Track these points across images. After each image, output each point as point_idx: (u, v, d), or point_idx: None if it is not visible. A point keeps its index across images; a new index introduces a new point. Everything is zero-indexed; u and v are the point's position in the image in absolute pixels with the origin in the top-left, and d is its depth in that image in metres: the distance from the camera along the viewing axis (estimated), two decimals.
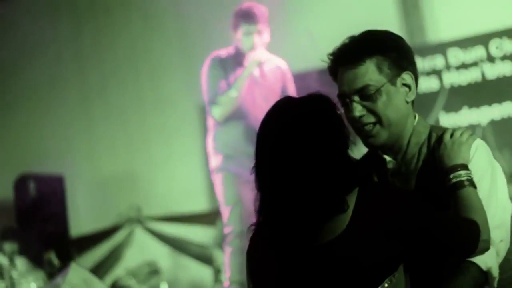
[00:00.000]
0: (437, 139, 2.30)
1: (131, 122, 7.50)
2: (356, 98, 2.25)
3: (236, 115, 4.88)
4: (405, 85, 2.29)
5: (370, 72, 2.24)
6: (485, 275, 2.16)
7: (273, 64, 4.99)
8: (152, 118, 7.44)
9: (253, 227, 2.17)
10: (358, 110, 2.24)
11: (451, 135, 2.28)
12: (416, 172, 2.29)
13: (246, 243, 4.72)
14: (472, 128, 6.09)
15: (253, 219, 2.13)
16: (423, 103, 6.20)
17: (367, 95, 2.24)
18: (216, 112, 4.85)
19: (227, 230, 4.88)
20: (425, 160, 2.30)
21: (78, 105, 7.69)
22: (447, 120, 6.22)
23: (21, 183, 6.44)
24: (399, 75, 2.27)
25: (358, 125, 2.25)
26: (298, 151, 2.01)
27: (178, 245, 6.93)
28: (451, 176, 2.20)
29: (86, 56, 7.72)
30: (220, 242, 6.25)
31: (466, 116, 6.20)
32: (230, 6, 6.72)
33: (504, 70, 6.17)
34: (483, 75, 6.22)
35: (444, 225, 2.09)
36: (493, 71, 6.19)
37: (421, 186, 2.26)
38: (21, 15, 7.33)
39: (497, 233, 2.18)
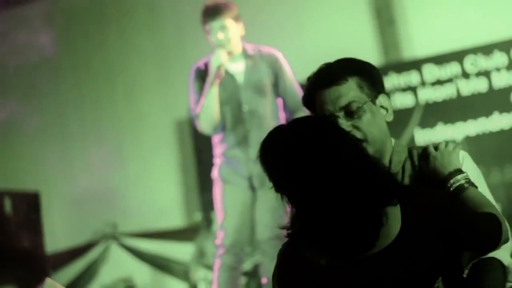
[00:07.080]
0: (421, 156, 2.35)
1: (107, 138, 7.47)
2: (342, 115, 2.29)
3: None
4: (382, 107, 2.35)
5: (353, 90, 2.31)
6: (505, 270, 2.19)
7: (244, 58, 4.75)
8: (128, 134, 7.42)
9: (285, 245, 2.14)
10: (345, 126, 2.27)
11: (436, 148, 2.33)
12: None
13: (234, 260, 4.67)
14: None
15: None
16: (398, 119, 6.22)
17: (352, 111, 2.29)
18: (199, 126, 4.77)
19: (217, 241, 4.74)
20: (411, 176, 2.34)
21: (54, 121, 7.65)
22: (422, 136, 6.25)
23: None
24: (377, 96, 2.34)
25: None
26: (329, 162, 1.99)
27: (154, 261, 6.91)
28: (451, 182, 2.25)
29: (62, 72, 7.69)
30: (197, 258, 6.24)
31: (441, 132, 6.23)
32: None
33: (479, 86, 6.21)
34: (458, 91, 6.26)
35: (475, 221, 2.09)
36: (468, 87, 6.23)
37: None
38: None
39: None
